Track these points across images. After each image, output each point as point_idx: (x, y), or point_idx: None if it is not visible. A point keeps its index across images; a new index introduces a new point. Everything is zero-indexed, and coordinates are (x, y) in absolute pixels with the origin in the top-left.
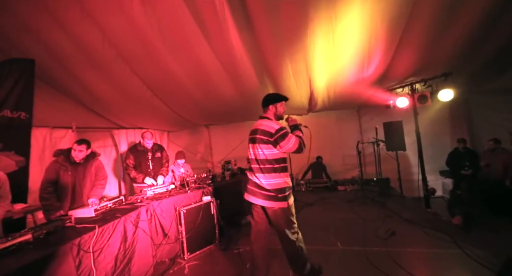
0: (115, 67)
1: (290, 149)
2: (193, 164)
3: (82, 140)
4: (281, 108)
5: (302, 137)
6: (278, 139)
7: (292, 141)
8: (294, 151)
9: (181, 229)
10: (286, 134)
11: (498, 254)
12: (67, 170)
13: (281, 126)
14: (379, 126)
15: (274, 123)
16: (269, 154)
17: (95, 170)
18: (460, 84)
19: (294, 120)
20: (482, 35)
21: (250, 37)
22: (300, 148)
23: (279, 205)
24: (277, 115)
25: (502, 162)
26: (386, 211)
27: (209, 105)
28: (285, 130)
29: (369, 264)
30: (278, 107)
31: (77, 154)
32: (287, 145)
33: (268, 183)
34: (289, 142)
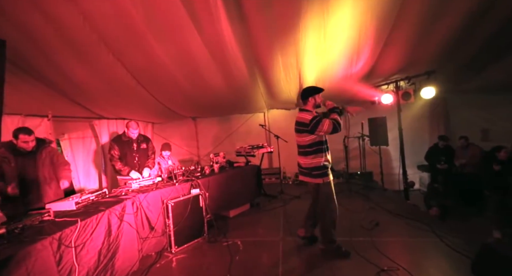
0: (96, 53)
1: (326, 130)
2: (178, 156)
3: (27, 129)
4: (319, 99)
5: (337, 118)
6: (313, 127)
7: (326, 124)
8: (331, 132)
9: (168, 222)
10: (320, 120)
11: (471, 241)
12: (10, 162)
13: (314, 116)
14: (364, 121)
15: (308, 115)
16: (306, 139)
17: (49, 157)
18: (440, 82)
19: (331, 104)
20: (462, 36)
21: (241, 28)
22: (335, 128)
23: (316, 180)
24: (316, 105)
25: (470, 156)
26: (369, 203)
27: (197, 97)
28: (318, 118)
29: (355, 253)
30: (317, 98)
31: (29, 144)
32: (323, 128)
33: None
34: (325, 124)
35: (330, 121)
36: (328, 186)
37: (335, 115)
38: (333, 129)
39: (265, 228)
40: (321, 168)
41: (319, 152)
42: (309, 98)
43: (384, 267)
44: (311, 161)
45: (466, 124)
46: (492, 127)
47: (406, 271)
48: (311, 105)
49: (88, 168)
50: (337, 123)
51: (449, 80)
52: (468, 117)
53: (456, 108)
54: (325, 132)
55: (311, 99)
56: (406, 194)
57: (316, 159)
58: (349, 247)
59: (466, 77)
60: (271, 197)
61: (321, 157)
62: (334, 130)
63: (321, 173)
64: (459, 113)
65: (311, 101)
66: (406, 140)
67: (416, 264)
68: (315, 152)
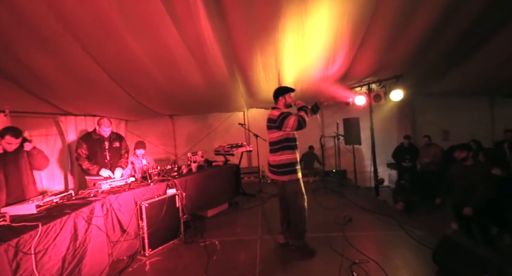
0: (62, 44)
1: (292, 126)
2: (154, 155)
3: (16, 130)
4: (289, 99)
5: (303, 116)
6: (280, 122)
7: (292, 120)
8: (296, 128)
9: (142, 224)
10: (286, 116)
11: (433, 232)
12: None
13: (282, 112)
14: (339, 121)
15: (277, 112)
16: (274, 136)
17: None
18: (407, 86)
19: (300, 103)
20: (426, 45)
21: (221, 26)
22: (300, 124)
23: (282, 178)
24: (286, 105)
25: (432, 154)
26: (343, 199)
27: (174, 94)
28: (285, 114)
29: (329, 248)
30: (287, 97)
31: (12, 146)
32: (288, 124)
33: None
34: (290, 121)
35: (296, 118)
36: (295, 183)
37: (302, 113)
38: (298, 126)
39: (243, 227)
40: (287, 165)
41: (286, 148)
42: (280, 98)
43: (356, 260)
44: (279, 158)
45: (429, 125)
46: (452, 128)
47: (375, 263)
48: (282, 104)
49: (52, 168)
50: (302, 120)
51: (415, 84)
52: (431, 118)
53: (421, 110)
54: (292, 128)
55: (281, 99)
56: (376, 191)
57: (283, 155)
58: (324, 243)
59: (429, 82)
60: (250, 196)
61: (288, 154)
62: (299, 126)
63: (288, 170)
64: (423, 115)
65: (281, 100)
66: (377, 139)
67: (384, 256)
68: (282, 149)
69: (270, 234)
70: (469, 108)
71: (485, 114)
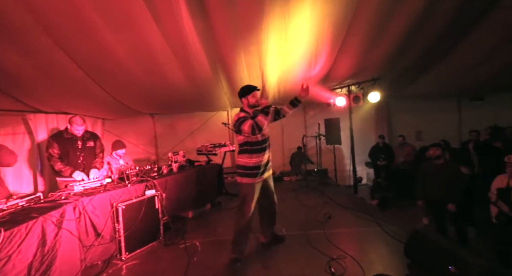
0: (31, 37)
1: (246, 131)
2: (134, 155)
3: None
4: (252, 99)
5: (258, 121)
6: (237, 127)
7: (246, 126)
8: (250, 133)
9: (118, 227)
10: (243, 122)
11: (406, 227)
12: None
13: (239, 117)
14: (321, 122)
15: (240, 114)
16: (239, 138)
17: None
18: (384, 88)
19: (263, 103)
20: (401, 48)
21: (204, 25)
22: (253, 130)
23: (238, 179)
24: (250, 106)
25: (405, 153)
26: (324, 198)
27: (155, 92)
28: (242, 119)
29: (309, 246)
30: (249, 98)
31: None
32: (243, 129)
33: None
34: (245, 126)
35: (250, 123)
36: (246, 188)
37: (260, 117)
38: (251, 131)
39: (225, 227)
40: (242, 167)
41: (245, 152)
42: (242, 99)
43: (334, 256)
44: (239, 160)
45: (404, 126)
46: (424, 129)
47: (352, 258)
48: (246, 106)
49: (20, 169)
50: (256, 126)
51: (390, 87)
52: (406, 120)
53: (397, 112)
54: (248, 134)
55: (244, 100)
56: (355, 189)
57: (242, 158)
58: (304, 240)
59: (403, 85)
60: (233, 195)
61: (246, 158)
62: (253, 131)
63: (242, 172)
64: (399, 116)
65: (244, 102)
66: (356, 139)
67: (360, 251)
68: (241, 152)
69: (252, 233)
70: (439, 110)
71: (454, 116)
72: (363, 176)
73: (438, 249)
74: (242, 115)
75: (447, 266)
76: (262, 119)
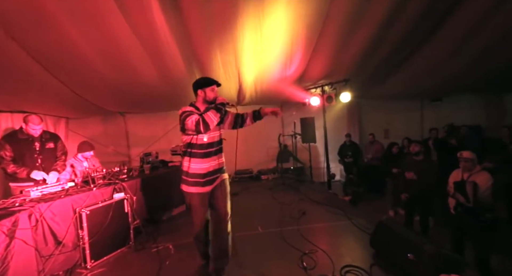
0: None
1: (189, 128)
2: (103, 157)
3: None
4: (210, 94)
5: (207, 117)
6: (182, 122)
7: (192, 120)
8: (195, 130)
9: (82, 233)
10: (188, 115)
11: (373, 220)
12: None
13: (184, 111)
14: (297, 121)
15: (183, 109)
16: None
17: None
18: (354, 89)
19: (220, 100)
20: (369, 51)
21: (177, 21)
22: (197, 127)
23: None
24: (206, 101)
25: (374, 150)
26: (299, 194)
27: (126, 90)
28: (188, 112)
29: (283, 242)
30: (208, 92)
31: None
32: (187, 124)
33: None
34: (189, 121)
35: (196, 119)
36: (190, 198)
37: (210, 112)
38: (195, 128)
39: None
40: (187, 174)
41: (189, 155)
42: (198, 91)
43: (306, 251)
44: (182, 164)
45: (373, 125)
46: (391, 127)
47: (323, 252)
48: (201, 100)
49: None
50: (203, 121)
51: (360, 87)
52: (375, 118)
53: (367, 111)
54: (191, 130)
55: (200, 93)
56: (329, 185)
57: (185, 162)
58: (279, 237)
59: (372, 86)
60: None
61: (190, 162)
62: (196, 129)
63: (185, 180)
64: (369, 115)
65: (200, 95)
66: (329, 137)
67: (331, 245)
68: (186, 154)
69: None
70: (404, 110)
71: (416, 115)
72: (337, 173)
73: (398, 238)
74: (188, 109)
75: (406, 254)
76: (211, 116)
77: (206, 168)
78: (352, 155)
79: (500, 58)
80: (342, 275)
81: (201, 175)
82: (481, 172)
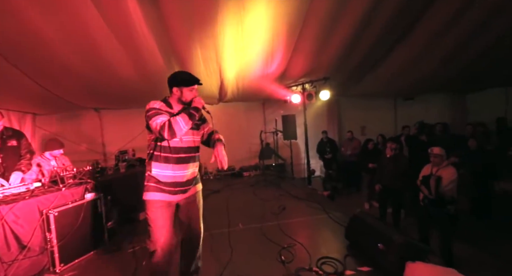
0: None
1: (154, 129)
2: (75, 156)
3: None
4: (188, 95)
5: (173, 123)
6: (147, 118)
7: (155, 120)
8: (159, 134)
9: (50, 236)
10: (154, 114)
11: (349, 213)
12: None
13: (151, 107)
14: (278, 118)
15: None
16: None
17: None
18: (333, 87)
19: (196, 102)
20: (347, 51)
21: (155, 14)
22: (160, 131)
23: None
24: (181, 101)
25: (353, 147)
26: (280, 190)
27: (99, 85)
28: (155, 111)
29: (263, 237)
30: (185, 92)
31: None
32: (151, 124)
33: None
34: (153, 123)
35: (162, 122)
36: (151, 207)
37: (180, 117)
38: (159, 132)
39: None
40: (150, 179)
41: (155, 159)
42: (174, 89)
43: (285, 245)
44: (147, 167)
45: (351, 122)
46: (367, 124)
47: (301, 245)
48: (176, 99)
49: None
50: (169, 127)
51: (339, 86)
52: (353, 116)
53: (345, 109)
54: (156, 131)
55: (175, 91)
56: (309, 180)
57: (151, 165)
58: (259, 233)
59: (349, 85)
60: None
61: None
62: (161, 132)
63: (148, 186)
64: (347, 113)
65: (175, 93)
66: (310, 134)
67: (309, 238)
68: (151, 158)
69: (207, 230)
70: (379, 108)
71: (391, 113)
72: (317, 169)
73: (370, 230)
74: (157, 105)
75: (377, 244)
76: (181, 123)
77: (180, 177)
78: (331, 151)
79: (465, 59)
80: (318, 267)
81: (172, 184)
82: (447, 167)
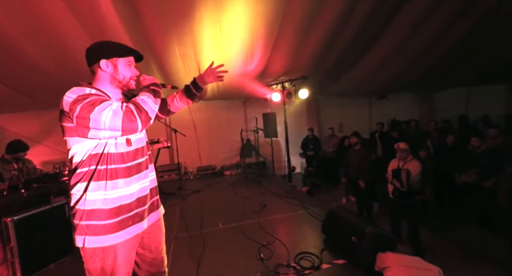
0: None
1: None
2: (42, 157)
3: None
4: (126, 70)
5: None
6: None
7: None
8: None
9: (10, 246)
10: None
11: (327, 208)
12: None
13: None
14: (259, 116)
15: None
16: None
17: None
18: (312, 86)
19: (149, 80)
20: (324, 51)
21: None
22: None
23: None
24: (118, 82)
25: (333, 144)
26: (261, 188)
27: (67, 81)
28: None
29: (243, 236)
30: (120, 66)
31: None
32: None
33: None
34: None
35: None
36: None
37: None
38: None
39: None
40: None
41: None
42: (102, 63)
43: (264, 242)
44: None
45: (330, 119)
46: (345, 122)
47: (280, 242)
48: (107, 80)
49: None
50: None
51: (317, 85)
52: (331, 114)
53: (324, 107)
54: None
55: (105, 66)
56: (289, 177)
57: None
58: (239, 231)
59: (327, 84)
60: (168, 194)
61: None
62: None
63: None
64: (326, 111)
65: (105, 70)
66: (290, 132)
67: (288, 234)
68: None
69: (186, 232)
70: (355, 106)
71: (366, 111)
72: (297, 166)
73: (344, 224)
74: (87, 91)
75: (351, 237)
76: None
77: (136, 193)
78: (313, 148)
79: (432, 60)
80: (296, 262)
81: (127, 207)
82: (412, 160)
